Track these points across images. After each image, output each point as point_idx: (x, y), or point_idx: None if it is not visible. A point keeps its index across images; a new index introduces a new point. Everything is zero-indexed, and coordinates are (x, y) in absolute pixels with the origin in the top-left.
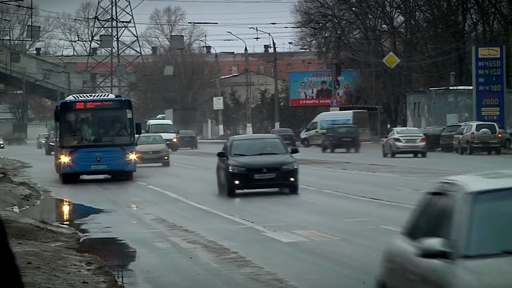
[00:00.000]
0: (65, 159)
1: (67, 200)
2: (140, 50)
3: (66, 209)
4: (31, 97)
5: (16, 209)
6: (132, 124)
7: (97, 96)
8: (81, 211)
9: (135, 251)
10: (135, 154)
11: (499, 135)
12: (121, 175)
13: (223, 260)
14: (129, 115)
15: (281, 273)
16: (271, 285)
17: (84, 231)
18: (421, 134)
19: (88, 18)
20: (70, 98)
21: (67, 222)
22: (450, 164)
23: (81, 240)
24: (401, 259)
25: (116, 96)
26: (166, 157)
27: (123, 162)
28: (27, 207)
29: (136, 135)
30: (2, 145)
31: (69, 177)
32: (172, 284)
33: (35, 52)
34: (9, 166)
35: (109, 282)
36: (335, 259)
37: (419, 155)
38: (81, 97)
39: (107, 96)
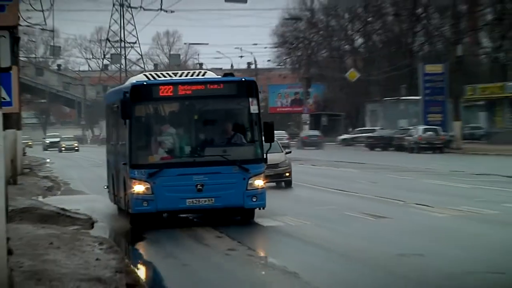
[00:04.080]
0: (139, 187)
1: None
2: (144, 66)
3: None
4: (53, 105)
5: (40, 198)
6: (259, 124)
7: (191, 75)
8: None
9: (141, 234)
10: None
11: (442, 137)
12: (236, 214)
13: (211, 235)
14: (253, 108)
15: (259, 250)
16: (250, 255)
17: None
18: None
19: (100, 40)
20: (140, 78)
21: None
22: (401, 161)
23: (95, 224)
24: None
25: (224, 75)
26: (287, 174)
27: (244, 193)
28: (50, 197)
29: (266, 144)
30: (77, 148)
31: (145, 219)
32: (171, 255)
33: (57, 67)
34: (35, 162)
35: (118, 259)
36: (307, 240)
37: None
38: (160, 76)
39: (205, 74)
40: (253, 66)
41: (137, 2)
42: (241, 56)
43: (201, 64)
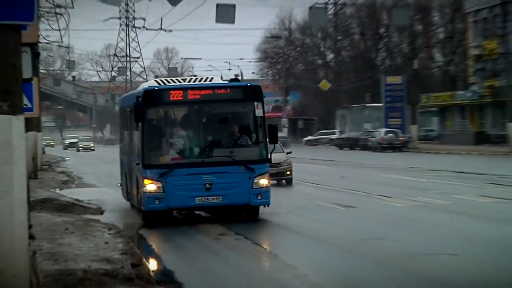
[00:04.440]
0: (151, 186)
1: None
2: (146, 78)
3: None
4: (68, 111)
5: (57, 190)
6: (263, 126)
7: (199, 81)
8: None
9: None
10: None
11: (401, 138)
12: (242, 211)
13: (205, 223)
14: (258, 111)
15: (245, 234)
16: (237, 239)
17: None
18: None
19: (109, 55)
20: (152, 83)
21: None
22: (366, 159)
23: (104, 213)
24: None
25: (231, 80)
26: (288, 172)
27: (249, 192)
28: (65, 189)
29: (270, 145)
30: (93, 147)
31: (157, 216)
32: (170, 239)
33: (71, 78)
34: (53, 160)
35: (124, 243)
36: (284, 226)
37: None
38: (170, 81)
39: (212, 80)
40: (239, 78)
41: (140, 23)
42: (229, 69)
43: (195, 76)
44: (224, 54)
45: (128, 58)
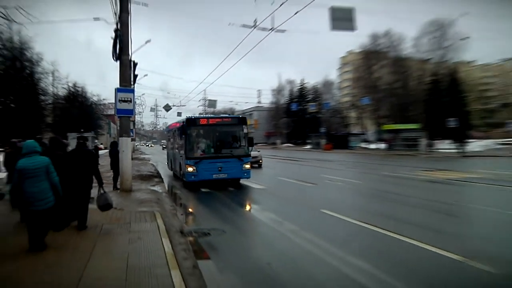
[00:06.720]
0: (190, 169)
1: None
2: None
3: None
4: (142, 137)
5: (140, 155)
6: (246, 138)
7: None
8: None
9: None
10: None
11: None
12: (235, 181)
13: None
14: (244, 130)
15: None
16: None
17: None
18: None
19: (153, 123)
20: (189, 116)
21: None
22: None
23: (150, 160)
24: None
25: (230, 114)
26: (260, 161)
27: (241, 171)
28: (141, 155)
29: (250, 148)
30: (153, 146)
31: (193, 185)
32: (184, 186)
33: (143, 129)
34: (138, 149)
35: (155, 168)
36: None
37: None
38: (198, 115)
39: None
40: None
41: (159, 117)
42: None
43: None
44: None
45: (155, 125)
